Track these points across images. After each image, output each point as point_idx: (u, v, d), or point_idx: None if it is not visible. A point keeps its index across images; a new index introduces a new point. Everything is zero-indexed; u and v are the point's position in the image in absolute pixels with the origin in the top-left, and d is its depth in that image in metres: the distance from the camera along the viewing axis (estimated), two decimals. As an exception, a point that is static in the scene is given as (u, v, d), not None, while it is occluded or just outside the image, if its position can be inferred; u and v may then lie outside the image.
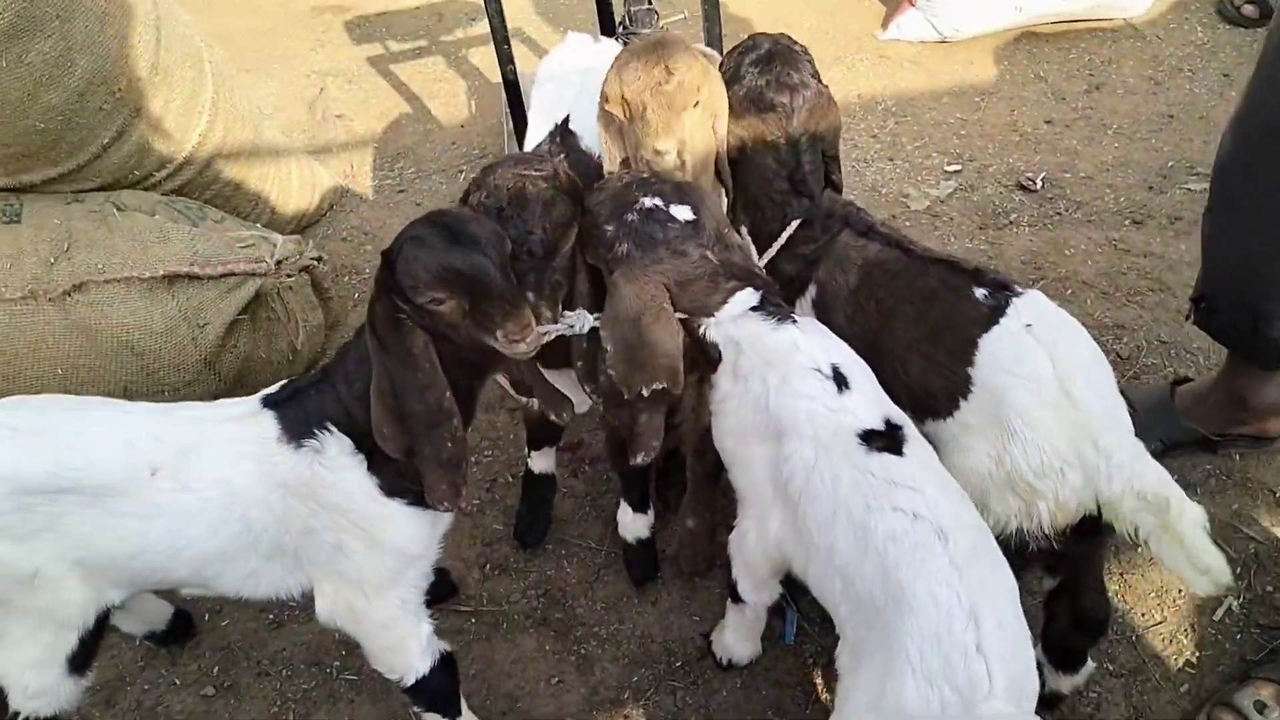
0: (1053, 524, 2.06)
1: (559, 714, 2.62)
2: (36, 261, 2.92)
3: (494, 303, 1.90)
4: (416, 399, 1.97)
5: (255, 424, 2.07)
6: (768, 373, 2.09)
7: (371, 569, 2.14)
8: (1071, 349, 2.08)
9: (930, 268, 2.31)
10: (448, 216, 1.97)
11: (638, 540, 2.86)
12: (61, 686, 2.14)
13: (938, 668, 1.72)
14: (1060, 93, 4.85)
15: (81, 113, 2.98)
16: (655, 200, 2.21)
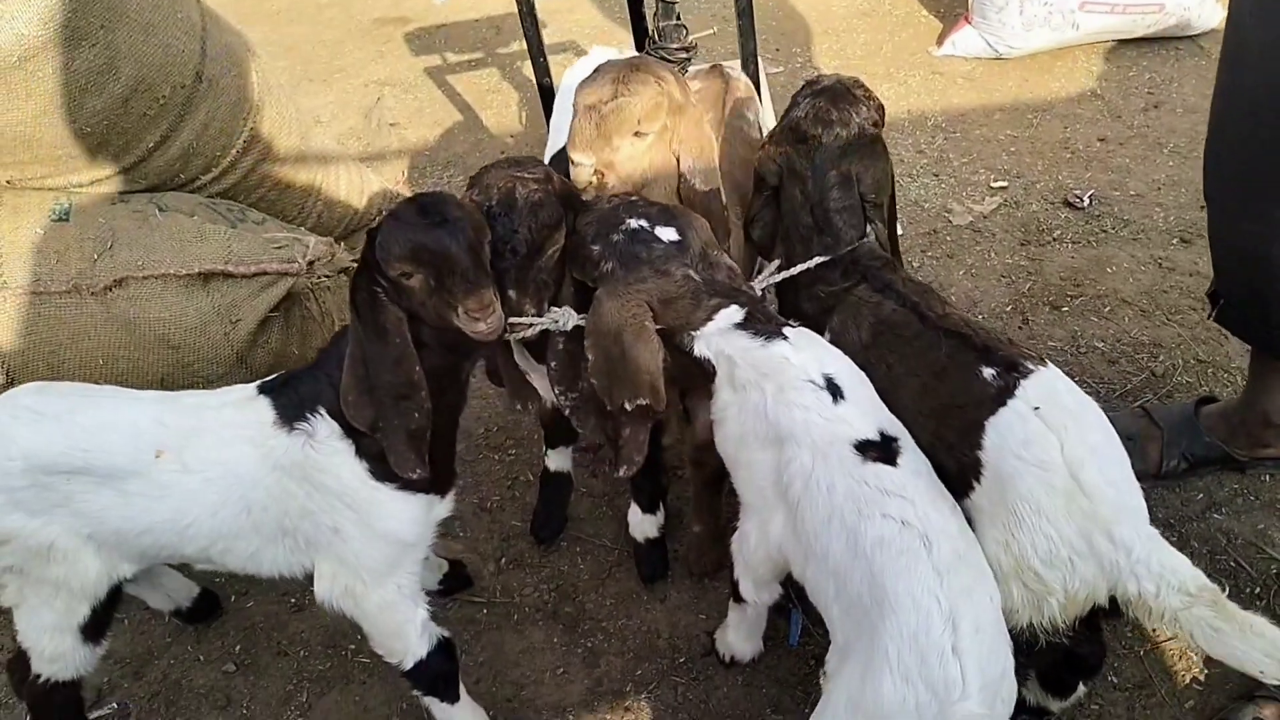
0: (1062, 617, 2.06)
1: (562, 703, 2.76)
2: (81, 258, 3.15)
3: (456, 280, 2.05)
4: (389, 371, 2.13)
5: (252, 409, 2.25)
6: (764, 383, 2.18)
7: (368, 554, 2.30)
8: (1082, 433, 2.06)
9: (942, 340, 2.29)
10: (428, 197, 2.14)
11: (646, 540, 3.01)
12: (76, 652, 2.35)
13: (914, 667, 1.82)
14: (1116, 110, 4.92)
15: (126, 118, 3.20)
16: (641, 222, 2.36)
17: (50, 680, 2.38)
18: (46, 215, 3.25)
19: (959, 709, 1.78)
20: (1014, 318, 3.83)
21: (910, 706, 1.81)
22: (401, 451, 2.21)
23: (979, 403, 2.15)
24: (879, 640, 1.88)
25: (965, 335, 2.27)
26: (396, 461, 2.21)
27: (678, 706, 2.74)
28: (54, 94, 3.02)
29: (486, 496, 3.36)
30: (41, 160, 3.23)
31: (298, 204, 3.92)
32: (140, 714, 2.86)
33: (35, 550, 2.22)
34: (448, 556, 3.06)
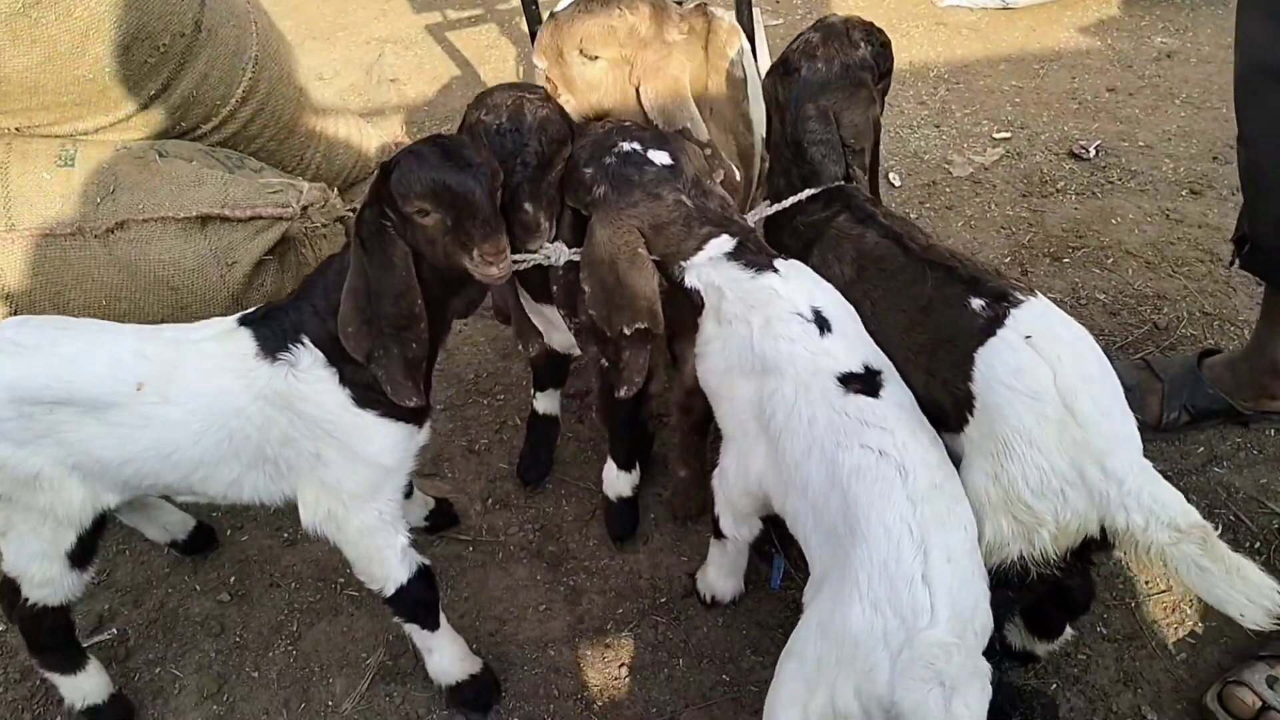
0: (1054, 548, 2.03)
1: (543, 639, 2.84)
2: (85, 202, 3.23)
3: (475, 223, 2.11)
4: (391, 303, 2.20)
5: (232, 341, 2.32)
6: (751, 315, 2.21)
7: (349, 478, 2.36)
8: (1076, 362, 2.02)
9: (927, 273, 2.27)
10: (447, 139, 2.19)
11: (619, 498, 3.05)
12: (64, 579, 2.43)
13: (883, 594, 1.84)
14: (1127, 60, 4.90)
15: (128, 65, 3.27)
16: (634, 145, 2.37)
17: (39, 605, 2.46)
18: (53, 161, 3.33)
19: (926, 636, 1.78)
20: (1013, 269, 3.84)
21: (878, 633, 1.82)
22: (399, 381, 2.28)
23: (968, 334, 2.13)
24: (850, 567, 1.91)
25: (951, 267, 2.25)
26: (394, 390, 2.28)
27: (658, 645, 2.80)
28: (58, 41, 3.10)
29: (475, 439, 3.43)
30: (48, 107, 3.32)
31: (297, 155, 3.99)
32: (139, 640, 2.95)
33: (22, 479, 2.29)
34: (435, 495, 3.13)
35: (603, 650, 2.81)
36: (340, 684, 2.79)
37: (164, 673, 2.87)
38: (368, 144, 4.47)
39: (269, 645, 2.91)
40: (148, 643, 2.95)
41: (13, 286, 3.20)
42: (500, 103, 2.37)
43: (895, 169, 4.39)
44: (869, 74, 2.64)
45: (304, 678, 2.82)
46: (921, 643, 1.78)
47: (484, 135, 2.32)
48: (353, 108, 5.07)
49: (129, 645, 2.94)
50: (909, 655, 1.78)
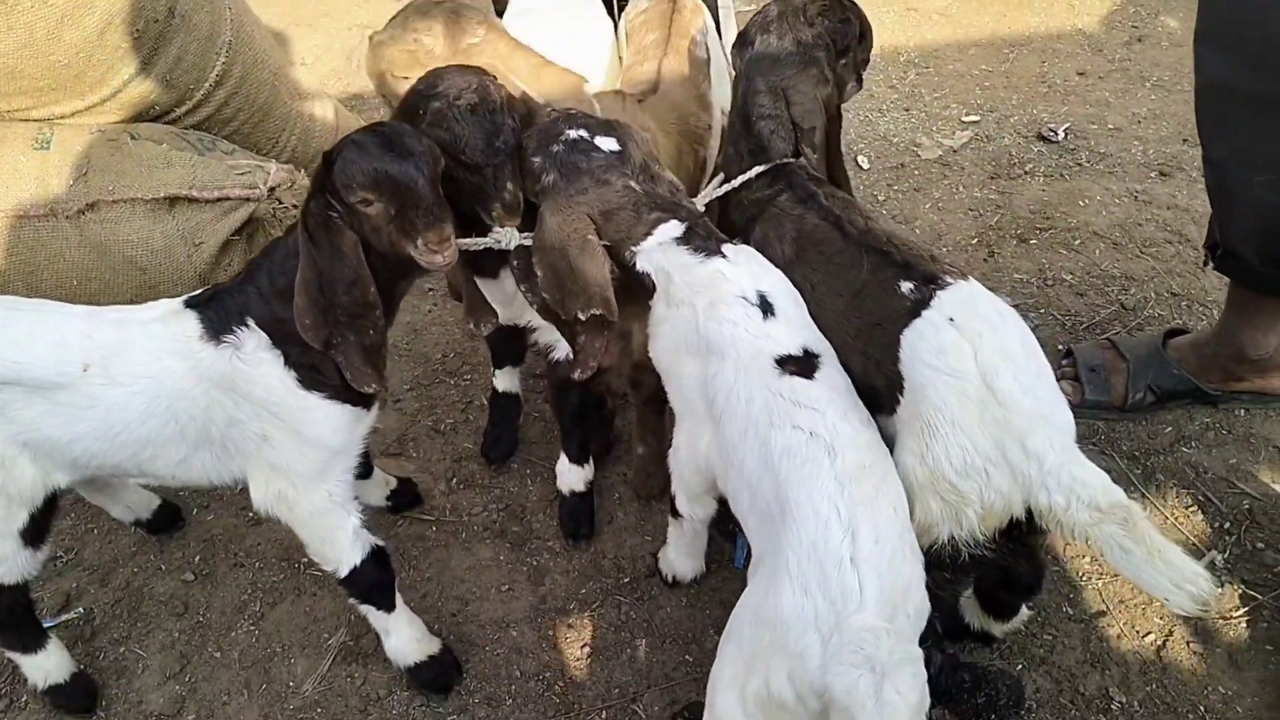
0: (981, 529, 1.99)
1: (506, 619, 2.80)
2: (59, 184, 3.19)
3: (419, 212, 2.05)
4: (344, 292, 2.14)
5: (178, 322, 2.27)
6: (696, 298, 2.17)
7: (297, 460, 2.33)
8: (999, 341, 1.98)
9: (864, 257, 2.23)
10: (388, 127, 2.13)
11: (572, 492, 2.99)
12: (17, 557, 2.39)
13: (813, 577, 1.80)
14: (1098, 44, 4.85)
15: (102, 50, 3.22)
16: (580, 132, 2.30)
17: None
18: (30, 144, 3.29)
19: (855, 620, 1.74)
20: (979, 250, 3.80)
21: (809, 616, 1.79)
22: (358, 368, 2.23)
23: (896, 317, 2.10)
24: (781, 550, 1.88)
25: (886, 252, 2.21)
26: (354, 378, 2.24)
27: (620, 625, 2.77)
28: (34, 27, 3.06)
29: (441, 419, 3.39)
30: (25, 92, 3.27)
31: (272, 138, 3.94)
32: (104, 619, 2.91)
33: None
34: (398, 475, 3.09)
35: (565, 630, 2.77)
36: (302, 664, 2.75)
37: (128, 652, 2.83)
38: (344, 127, 4.41)
39: (232, 625, 2.87)
40: (112, 622, 2.91)
41: (-12, 268, 3.16)
42: (465, 85, 2.29)
43: (864, 151, 4.34)
44: (823, 52, 2.57)
45: (266, 658, 2.78)
46: (851, 627, 1.74)
47: (458, 118, 2.24)
48: (332, 92, 5.02)
49: (94, 624, 2.90)
50: (839, 639, 1.74)
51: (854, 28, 2.62)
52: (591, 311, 2.23)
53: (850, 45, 2.63)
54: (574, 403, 2.85)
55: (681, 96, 2.94)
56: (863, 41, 2.68)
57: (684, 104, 2.94)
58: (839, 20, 2.59)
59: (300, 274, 2.15)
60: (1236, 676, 2.48)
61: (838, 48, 2.60)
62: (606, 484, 3.15)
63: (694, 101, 2.98)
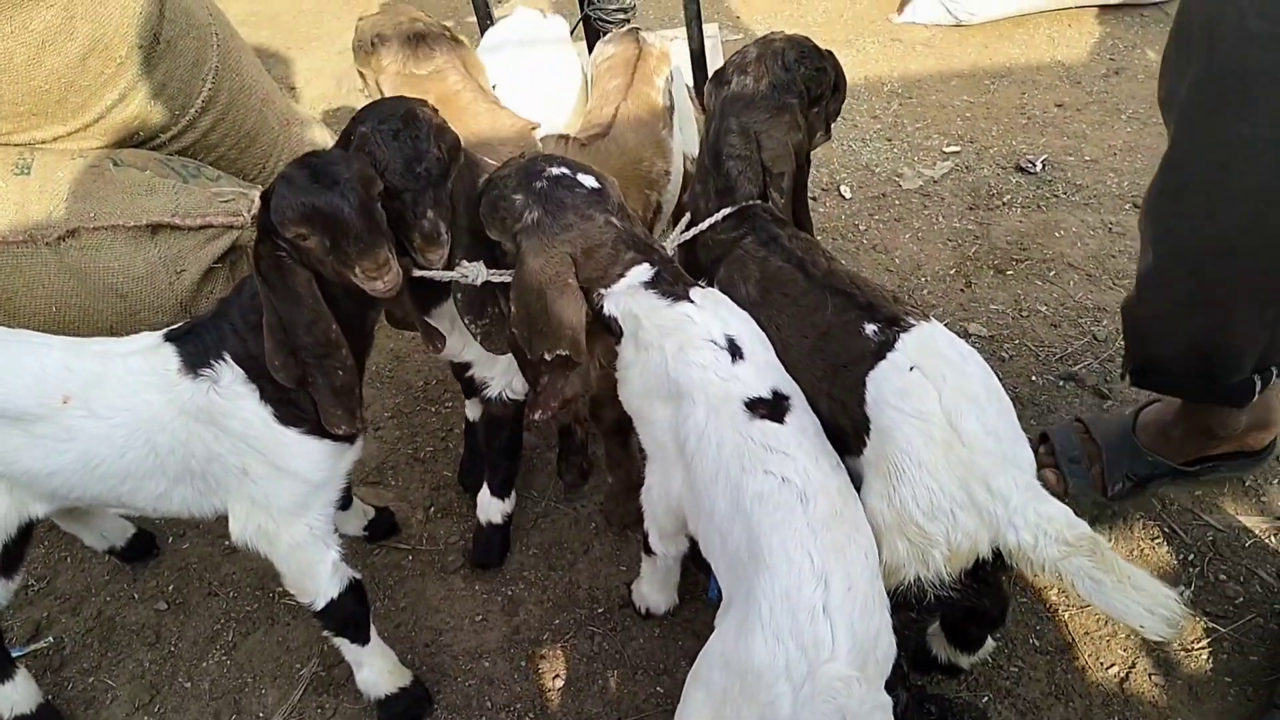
0: (947, 569, 1.96)
1: (479, 650, 2.73)
2: (39, 210, 3.12)
3: (350, 241, 1.98)
4: (305, 332, 2.08)
5: (157, 356, 2.21)
6: (665, 341, 2.13)
7: (277, 494, 2.27)
8: (962, 383, 1.96)
9: (828, 299, 2.20)
10: (316, 157, 2.05)
11: (489, 523, 2.92)
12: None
13: (785, 626, 1.76)
14: (1076, 76, 4.80)
15: (84, 76, 3.15)
16: (563, 169, 2.24)
17: None
18: (10, 169, 3.22)
19: (827, 669, 1.71)
20: (957, 280, 3.74)
21: (780, 665, 1.75)
22: (329, 409, 2.18)
23: (861, 359, 2.07)
24: (753, 596, 1.83)
25: (849, 293, 2.18)
26: (326, 418, 2.19)
27: (593, 656, 2.70)
28: (13, 53, 2.99)
29: (421, 447, 3.32)
30: (4, 117, 3.20)
31: (259, 163, 3.87)
32: (74, 648, 2.84)
33: None
34: (376, 504, 3.03)
35: (538, 661, 2.70)
36: (273, 694, 2.68)
37: (97, 682, 2.75)
38: (332, 152, 4.35)
39: (204, 655, 2.79)
40: (83, 651, 2.84)
41: (-36, 293, 3.08)
42: (394, 111, 2.22)
43: (846, 181, 4.29)
44: (796, 99, 2.49)
45: (237, 688, 2.71)
46: (823, 676, 1.70)
47: (380, 143, 2.16)
48: (321, 117, 4.95)
49: (64, 654, 2.83)
50: (810, 689, 1.70)
51: (829, 77, 2.56)
52: (558, 353, 2.19)
53: (824, 95, 2.57)
54: (504, 438, 2.80)
55: (635, 141, 2.88)
56: (836, 93, 2.61)
57: (637, 149, 2.88)
58: (814, 69, 2.52)
59: (265, 319, 2.10)
60: (1196, 709, 2.43)
61: (810, 96, 2.53)
62: (584, 513, 3.08)
63: (649, 147, 2.92)
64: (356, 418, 2.22)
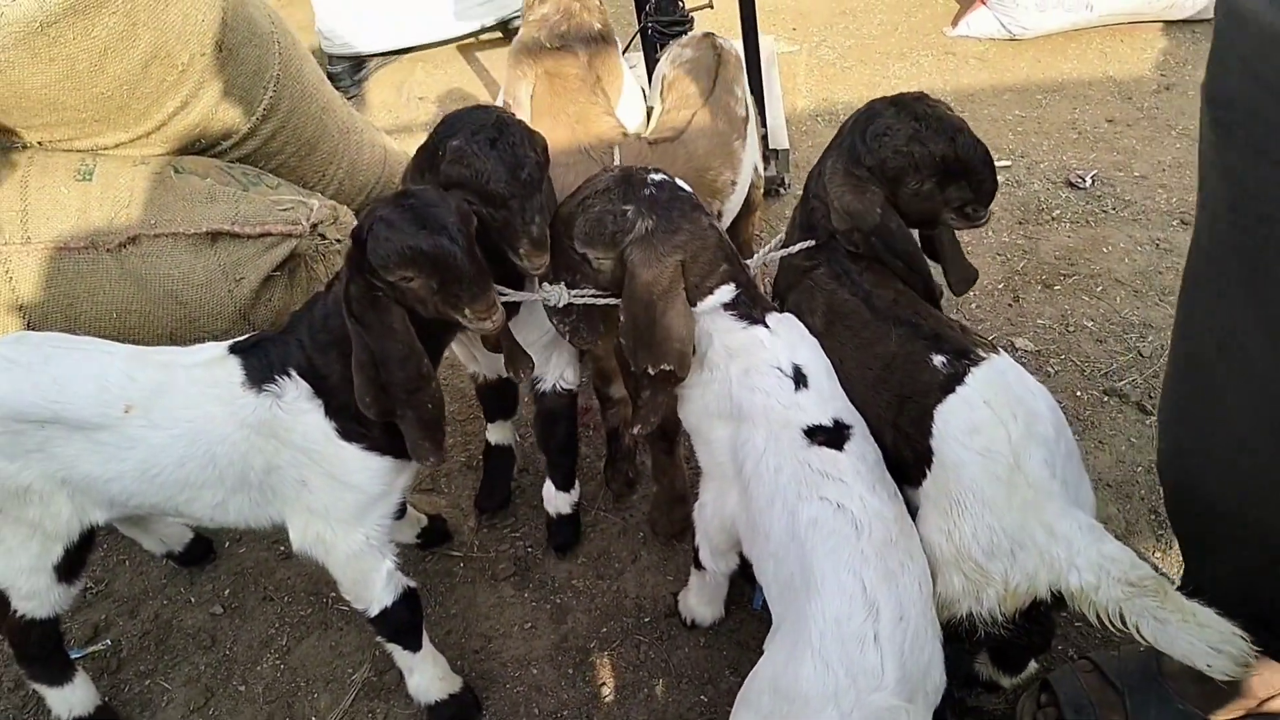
0: (1001, 608, 1.93)
1: (527, 657, 2.72)
2: (101, 216, 3.14)
3: (461, 285, 1.98)
4: (399, 368, 2.08)
5: (221, 368, 2.22)
6: (731, 364, 2.12)
7: (336, 504, 2.27)
8: (1030, 423, 1.93)
9: (891, 330, 2.14)
10: (415, 198, 2.02)
11: (558, 514, 2.97)
12: (51, 592, 2.34)
13: (835, 653, 1.75)
14: (1127, 92, 4.74)
15: (146, 83, 3.16)
16: (660, 175, 2.20)
17: (27, 617, 2.38)
18: (72, 175, 3.24)
19: (875, 699, 1.70)
20: (1005, 295, 3.70)
21: (829, 692, 1.73)
22: (418, 441, 2.18)
23: (928, 391, 2.03)
24: (804, 621, 1.82)
25: (914, 324, 2.14)
26: (415, 451, 2.19)
27: (639, 665, 2.69)
28: (76, 59, 2.99)
29: (474, 455, 3.31)
30: (68, 123, 3.22)
31: (319, 171, 3.88)
32: (131, 651, 2.86)
33: (12, 492, 2.21)
34: (428, 511, 3.02)
35: (584, 669, 2.70)
36: (325, 699, 2.68)
37: (153, 685, 2.77)
38: (392, 161, 4.35)
39: (258, 659, 2.80)
40: (140, 654, 2.85)
41: (26, 298, 3.10)
42: (484, 120, 2.19)
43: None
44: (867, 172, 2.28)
45: (290, 692, 2.71)
46: (871, 705, 1.69)
47: (478, 154, 2.13)
48: (382, 125, 4.97)
49: (121, 656, 2.85)
50: (858, 717, 1.69)
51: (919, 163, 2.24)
52: (662, 367, 2.15)
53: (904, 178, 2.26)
54: (560, 435, 2.82)
55: (705, 149, 2.85)
56: (951, 179, 2.30)
57: (706, 157, 2.85)
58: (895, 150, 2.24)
59: (355, 356, 2.09)
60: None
61: (887, 175, 2.27)
62: (632, 523, 3.07)
63: (719, 156, 2.89)
64: (444, 449, 2.22)
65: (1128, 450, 3.07)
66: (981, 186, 2.33)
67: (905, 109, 2.28)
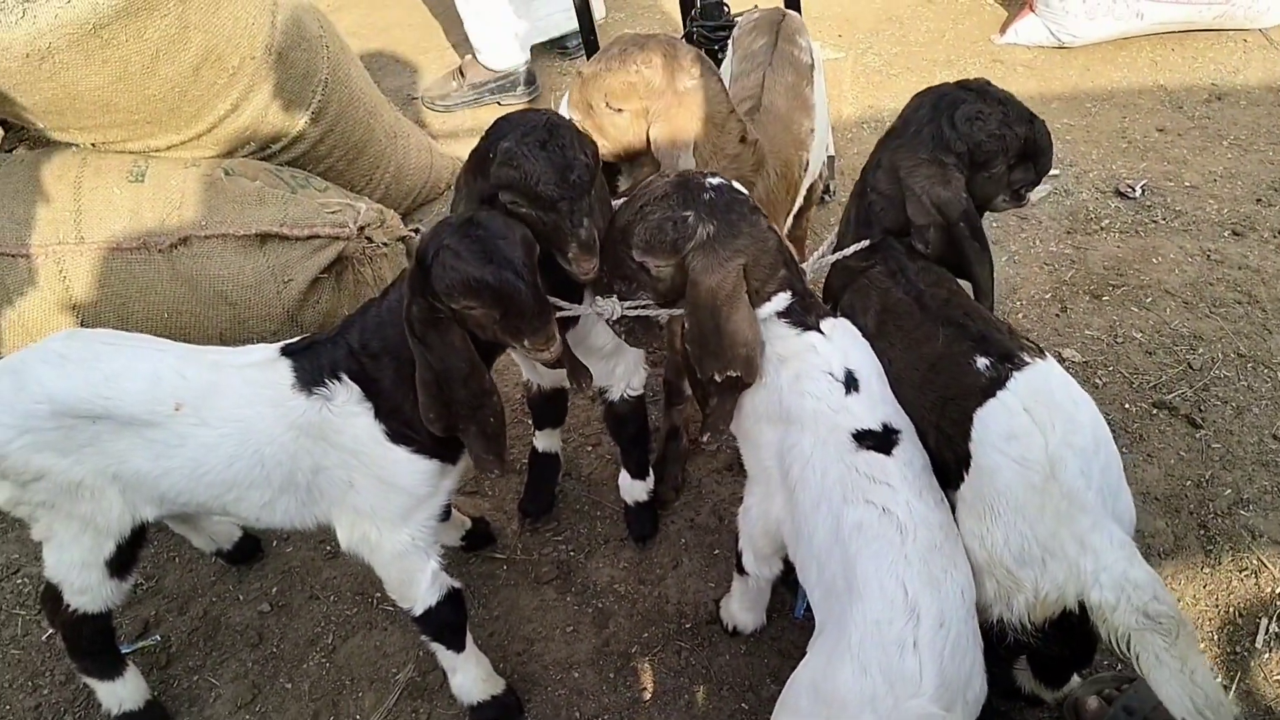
0: (1030, 616, 1.94)
1: (569, 660, 2.75)
2: (152, 217, 3.20)
3: (523, 319, 2.02)
4: (461, 385, 2.12)
5: (273, 370, 2.26)
6: (782, 370, 2.13)
7: (382, 504, 2.31)
8: (1070, 432, 1.92)
9: (940, 329, 2.15)
10: (483, 228, 2.03)
11: (636, 503, 3.01)
12: (103, 587, 2.40)
13: (874, 658, 1.77)
14: (1178, 101, 4.71)
15: (197, 86, 3.23)
16: (718, 179, 2.19)
17: (79, 611, 2.43)
18: (124, 177, 3.31)
19: (912, 705, 1.72)
20: (1052, 305, 3.70)
21: (867, 697, 1.75)
22: (481, 455, 2.23)
23: (970, 393, 2.03)
24: (845, 625, 1.84)
25: (962, 324, 2.14)
26: (479, 464, 2.26)
27: (680, 670, 2.71)
28: (129, 61, 3.07)
29: (518, 458, 3.32)
30: (120, 124, 3.29)
31: (365, 175, 3.94)
32: (179, 647, 2.91)
33: (65, 487, 2.26)
34: (473, 514, 3.05)
35: (626, 674, 2.72)
36: (369, 698, 2.73)
37: (201, 680, 2.82)
38: (439, 165, 4.40)
39: (304, 657, 2.85)
40: (189, 650, 2.90)
41: (79, 297, 3.17)
42: (535, 122, 2.19)
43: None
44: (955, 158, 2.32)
45: (335, 690, 2.76)
46: (908, 711, 1.71)
47: (529, 155, 2.13)
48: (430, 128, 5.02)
49: (170, 652, 2.90)
50: None
51: (1010, 146, 2.34)
52: (729, 373, 2.15)
53: (993, 162, 2.35)
54: (632, 430, 2.87)
55: (785, 105, 2.94)
56: (1025, 162, 2.40)
57: (788, 112, 2.94)
58: (989, 134, 2.31)
59: (419, 375, 2.14)
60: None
61: (975, 160, 2.34)
62: (674, 529, 3.09)
63: (797, 108, 2.97)
64: (506, 461, 2.28)
65: (1176, 464, 3.06)
66: (1046, 168, 2.42)
67: (985, 94, 2.34)
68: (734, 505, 2.48)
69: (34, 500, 2.30)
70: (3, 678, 2.88)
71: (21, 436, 2.19)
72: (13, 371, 2.23)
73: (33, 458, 2.22)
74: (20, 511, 2.36)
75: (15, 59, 2.89)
